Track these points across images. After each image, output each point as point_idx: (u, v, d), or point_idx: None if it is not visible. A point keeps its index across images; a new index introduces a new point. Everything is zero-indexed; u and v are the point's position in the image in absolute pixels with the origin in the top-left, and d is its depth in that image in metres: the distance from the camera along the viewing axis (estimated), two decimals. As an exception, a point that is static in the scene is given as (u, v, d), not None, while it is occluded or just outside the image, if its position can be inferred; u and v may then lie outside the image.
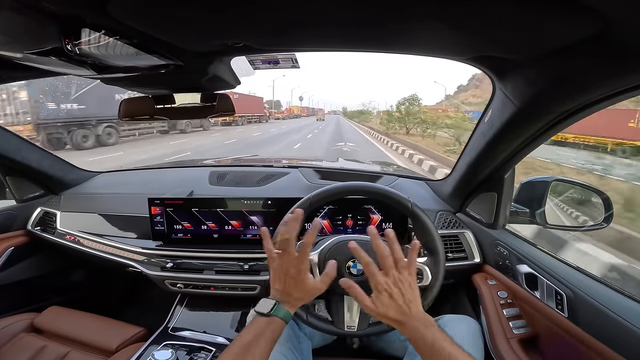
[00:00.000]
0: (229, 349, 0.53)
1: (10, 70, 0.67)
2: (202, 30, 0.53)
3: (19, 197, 1.31)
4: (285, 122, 40.27)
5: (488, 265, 1.02)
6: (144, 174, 1.64)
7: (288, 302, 0.60)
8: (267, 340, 0.54)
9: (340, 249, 0.75)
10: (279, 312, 0.57)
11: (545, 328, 0.81)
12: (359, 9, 0.44)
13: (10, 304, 1.23)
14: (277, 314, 0.57)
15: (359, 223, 1.09)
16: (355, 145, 12.42)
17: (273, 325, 0.56)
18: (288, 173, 1.38)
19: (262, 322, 0.56)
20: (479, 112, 0.89)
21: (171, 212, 1.08)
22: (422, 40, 0.58)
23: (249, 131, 19.70)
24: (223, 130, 20.84)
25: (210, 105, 0.84)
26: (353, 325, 0.74)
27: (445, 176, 1.21)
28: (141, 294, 1.63)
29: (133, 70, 0.65)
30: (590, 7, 0.37)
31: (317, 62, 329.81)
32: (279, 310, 0.58)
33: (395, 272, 0.58)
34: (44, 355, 0.93)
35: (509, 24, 0.46)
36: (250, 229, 1.10)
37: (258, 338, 0.54)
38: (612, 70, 0.49)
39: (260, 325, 0.56)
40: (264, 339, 0.54)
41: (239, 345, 0.53)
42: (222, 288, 1.09)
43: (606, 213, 0.88)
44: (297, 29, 0.54)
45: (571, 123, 0.66)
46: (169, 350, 0.87)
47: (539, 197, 0.95)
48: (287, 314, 0.58)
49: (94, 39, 0.47)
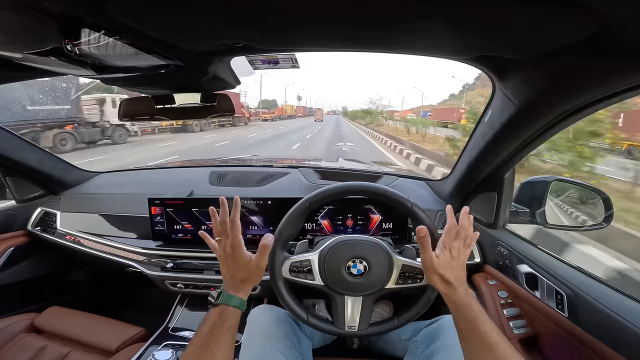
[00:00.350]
0: (190, 343, 0.55)
1: (10, 70, 0.67)
2: (202, 30, 0.53)
3: (19, 197, 1.31)
4: (274, 124, 33.13)
5: (488, 265, 1.02)
6: (144, 174, 1.64)
7: (235, 287, 0.61)
8: (222, 329, 0.55)
9: (341, 249, 0.75)
10: (225, 299, 0.58)
11: (545, 328, 0.81)
12: (359, 9, 0.44)
13: (10, 304, 1.23)
14: (223, 301, 0.58)
15: (359, 223, 1.09)
16: (354, 145, 12.41)
17: (225, 314, 0.57)
18: (288, 173, 1.38)
19: (213, 312, 0.58)
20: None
21: (171, 212, 1.08)
22: (422, 40, 0.57)
23: (204, 139, 14.37)
24: (170, 138, 14.37)
25: (210, 105, 0.84)
26: (354, 325, 0.74)
27: (445, 176, 1.21)
28: (141, 294, 1.63)
29: (133, 70, 0.65)
30: (590, 7, 0.37)
31: (317, 61, 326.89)
32: (224, 297, 0.59)
33: (461, 242, 0.64)
34: (44, 355, 0.93)
35: (509, 24, 0.46)
36: (250, 229, 1.10)
37: (213, 329, 0.55)
38: (612, 70, 0.49)
39: (212, 315, 0.57)
40: (218, 329, 0.55)
41: (195, 340, 0.55)
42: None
43: (606, 213, 0.88)
44: (297, 29, 0.54)
45: (571, 123, 0.66)
46: (169, 351, 0.87)
47: (539, 197, 0.95)
48: (235, 299, 0.59)
49: (93, 39, 0.47)
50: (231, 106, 0.85)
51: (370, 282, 0.73)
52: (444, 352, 0.72)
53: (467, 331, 0.55)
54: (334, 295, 0.75)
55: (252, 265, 0.62)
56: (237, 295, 0.60)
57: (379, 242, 0.75)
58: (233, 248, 0.61)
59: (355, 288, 0.73)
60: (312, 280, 0.74)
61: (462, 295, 0.59)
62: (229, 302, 0.58)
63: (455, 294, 0.59)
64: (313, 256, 0.75)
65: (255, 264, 0.62)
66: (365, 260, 0.73)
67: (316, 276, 0.74)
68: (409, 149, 10.83)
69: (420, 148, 10.46)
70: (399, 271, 0.73)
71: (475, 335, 0.54)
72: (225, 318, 0.57)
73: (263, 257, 0.63)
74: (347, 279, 0.73)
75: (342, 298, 0.74)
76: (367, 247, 0.75)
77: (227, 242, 0.62)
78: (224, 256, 0.62)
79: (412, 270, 0.73)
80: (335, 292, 0.74)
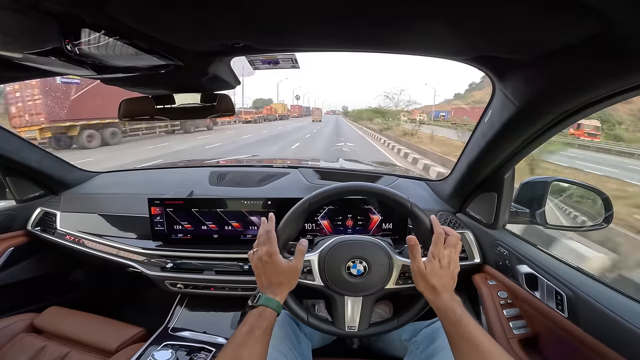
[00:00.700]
0: (229, 342, 0.57)
1: (10, 70, 0.67)
2: (202, 30, 0.53)
3: (19, 197, 1.31)
4: (259, 127, 25.49)
5: (488, 266, 1.02)
6: (144, 174, 1.64)
7: (272, 290, 0.65)
8: (260, 329, 0.58)
9: (341, 249, 0.75)
10: (264, 301, 0.63)
11: (545, 328, 0.81)
12: (359, 9, 0.44)
13: (10, 304, 1.23)
14: (262, 302, 0.62)
15: (359, 223, 1.09)
16: (354, 145, 12.38)
17: (263, 315, 0.61)
18: (288, 173, 1.38)
19: (252, 314, 0.61)
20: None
21: (171, 213, 1.08)
22: (422, 40, 0.57)
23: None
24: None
25: (210, 105, 0.84)
26: (354, 325, 0.74)
27: (445, 176, 1.21)
28: (141, 294, 1.63)
29: (133, 70, 0.65)
30: (591, 7, 0.36)
31: (317, 61, 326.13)
32: (263, 299, 0.63)
33: (452, 249, 0.66)
34: (43, 355, 0.93)
35: (509, 24, 0.46)
36: (250, 229, 1.10)
37: (252, 329, 0.58)
38: (612, 70, 0.48)
39: (251, 317, 0.61)
40: (257, 328, 0.58)
41: (234, 339, 0.57)
42: (222, 288, 1.09)
43: (606, 213, 0.88)
44: (297, 30, 0.54)
45: (571, 123, 0.66)
46: (169, 351, 0.87)
47: (539, 197, 0.95)
48: (273, 301, 0.63)
49: (93, 39, 0.47)
50: (231, 106, 0.85)
51: (370, 282, 0.73)
52: (444, 352, 0.72)
53: (452, 333, 0.58)
54: (333, 296, 0.75)
55: (291, 269, 0.67)
56: (274, 298, 0.64)
57: (379, 243, 0.75)
58: (270, 255, 0.66)
59: (355, 288, 0.73)
60: (312, 281, 0.74)
61: (446, 300, 0.62)
62: (267, 304, 0.62)
63: (440, 299, 0.62)
64: (313, 256, 0.75)
65: (294, 267, 0.67)
66: (365, 261, 0.73)
67: (316, 276, 0.74)
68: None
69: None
70: (399, 271, 0.73)
71: (459, 335, 0.57)
72: (263, 318, 0.60)
73: (300, 260, 0.69)
74: (347, 279, 0.73)
75: (341, 298, 0.74)
76: (367, 247, 0.75)
77: (264, 250, 0.66)
78: (259, 264, 0.66)
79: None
80: (335, 293, 0.74)
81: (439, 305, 0.62)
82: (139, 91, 0.86)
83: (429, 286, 0.64)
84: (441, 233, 0.67)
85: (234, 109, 0.86)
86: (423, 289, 0.65)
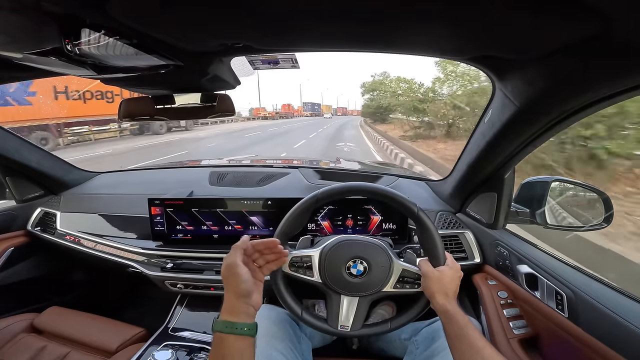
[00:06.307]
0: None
1: (10, 70, 0.67)
2: (202, 30, 0.53)
3: (19, 197, 1.31)
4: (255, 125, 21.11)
5: (488, 266, 1.02)
6: (144, 174, 1.64)
7: (230, 310, 0.56)
8: (224, 356, 0.51)
9: (341, 249, 0.75)
10: (216, 326, 0.53)
11: (545, 328, 0.80)
12: (360, 9, 0.44)
13: (10, 304, 1.23)
14: (215, 328, 0.53)
15: (359, 223, 1.09)
16: (354, 145, 12.39)
17: (217, 339, 0.52)
18: (288, 173, 1.38)
19: (214, 339, 0.54)
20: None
21: (171, 213, 1.08)
22: (422, 40, 0.58)
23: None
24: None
25: (210, 105, 0.84)
26: (347, 325, 0.74)
27: (445, 176, 1.21)
28: (141, 294, 1.63)
29: (133, 70, 0.65)
30: (591, 7, 0.37)
31: (325, 60, 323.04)
32: (216, 324, 0.54)
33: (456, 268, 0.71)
34: (43, 355, 0.93)
35: (509, 24, 0.46)
36: (250, 229, 1.10)
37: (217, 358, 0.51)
38: (612, 70, 0.48)
39: (214, 342, 0.53)
40: (221, 356, 0.51)
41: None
42: (222, 288, 1.07)
43: (606, 213, 0.88)
44: (297, 30, 0.54)
45: (571, 123, 0.66)
46: (169, 351, 0.87)
47: (539, 197, 0.95)
48: (224, 324, 0.53)
49: (93, 39, 0.47)
50: (231, 106, 0.85)
51: (369, 283, 0.73)
52: (444, 352, 0.72)
53: (457, 335, 0.59)
54: (330, 294, 0.75)
55: (241, 275, 0.57)
56: (231, 318, 0.54)
57: (381, 245, 0.75)
58: (231, 267, 0.58)
59: (353, 288, 0.73)
60: (311, 277, 0.74)
61: (455, 305, 0.64)
62: (217, 328, 0.53)
63: (450, 304, 0.64)
64: (314, 252, 0.75)
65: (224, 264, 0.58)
66: (366, 261, 0.73)
67: (315, 273, 0.74)
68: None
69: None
70: (398, 275, 0.73)
71: (464, 338, 0.58)
72: (220, 345, 0.51)
73: (233, 254, 0.59)
74: (346, 278, 0.73)
75: (338, 297, 0.74)
76: (369, 248, 0.75)
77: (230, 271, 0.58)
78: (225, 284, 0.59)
79: (412, 276, 0.73)
80: (332, 291, 0.74)
81: (449, 309, 0.63)
82: (139, 91, 0.86)
83: (443, 290, 0.66)
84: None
85: (234, 109, 0.86)
86: (436, 291, 0.66)
